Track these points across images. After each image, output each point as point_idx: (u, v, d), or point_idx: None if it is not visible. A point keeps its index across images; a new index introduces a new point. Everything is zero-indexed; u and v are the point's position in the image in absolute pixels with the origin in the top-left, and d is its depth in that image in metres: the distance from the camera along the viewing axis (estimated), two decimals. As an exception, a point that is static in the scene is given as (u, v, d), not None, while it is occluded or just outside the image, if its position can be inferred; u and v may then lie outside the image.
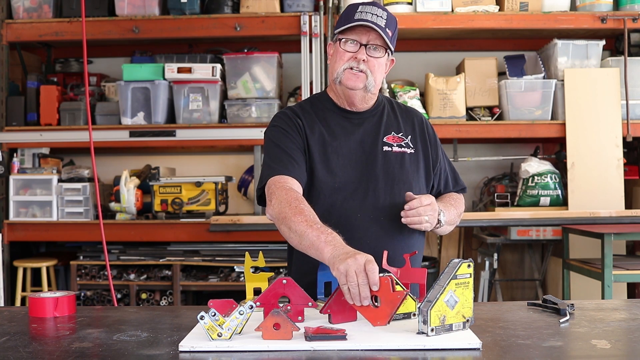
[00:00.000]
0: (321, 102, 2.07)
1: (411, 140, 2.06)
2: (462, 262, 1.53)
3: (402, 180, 1.99)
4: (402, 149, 2.03)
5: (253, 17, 4.53)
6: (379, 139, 2.02)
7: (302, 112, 2.03)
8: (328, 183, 1.95)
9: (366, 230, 1.94)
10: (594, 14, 4.43)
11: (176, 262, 4.38)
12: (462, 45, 5.03)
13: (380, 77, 1.98)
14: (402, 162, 2.02)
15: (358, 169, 1.98)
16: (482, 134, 4.49)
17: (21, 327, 1.69)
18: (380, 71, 1.97)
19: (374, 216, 1.95)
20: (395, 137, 2.04)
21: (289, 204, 1.79)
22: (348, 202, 1.94)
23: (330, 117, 2.03)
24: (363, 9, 1.94)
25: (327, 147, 1.98)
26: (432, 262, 4.67)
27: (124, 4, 4.56)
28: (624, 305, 1.94)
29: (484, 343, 1.44)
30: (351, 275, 1.51)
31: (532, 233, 4.28)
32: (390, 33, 1.94)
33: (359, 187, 1.96)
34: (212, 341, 1.45)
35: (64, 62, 5.01)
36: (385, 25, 1.92)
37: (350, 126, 2.03)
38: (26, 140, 4.61)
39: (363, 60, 1.93)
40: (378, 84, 1.99)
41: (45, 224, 4.53)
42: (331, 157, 1.97)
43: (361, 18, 1.91)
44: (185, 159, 5.13)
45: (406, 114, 2.12)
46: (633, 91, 4.43)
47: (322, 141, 1.99)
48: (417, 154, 2.05)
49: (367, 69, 1.93)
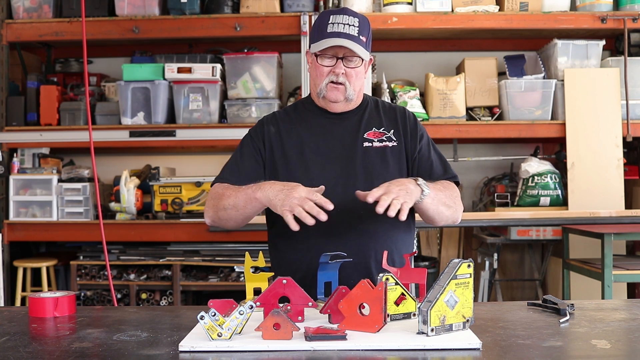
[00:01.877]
0: (304, 105, 2.16)
1: (394, 134, 2.09)
2: (462, 262, 1.53)
3: (382, 174, 2.01)
4: (384, 143, 2.07)
5: (253, 17, 4.53)
6: (360, 136, 2.07)
7: (282, 118, 2.12)
8: (305, 181, 1.95)
9: (347, 226, 1.97)
10: (594, 14, 4.43)
11: (176, 262, 4.38)
12: (462, 45, 5.02)
13: (359, 83, 2.07)
14: (384, 157, 2.05)
15: (337, 165, 2.02)
16: (482, 134, 4.49)
17: (21, 327, 1.69)
18: (359, 78, 2.05)
19: (354, 211, 1.97)
20: (376, 133, 2.08)
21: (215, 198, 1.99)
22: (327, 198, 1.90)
23: (311, 118, 2.11)
24: (334, 20, 1.98)
25: (305, 147, 2.05)
26: (432, 262, 4.67)
27: (124, 4, 4.56)
28: (624, 305, 1.94)
29: (484, 343, 1.44)
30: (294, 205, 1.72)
31: (532, 233, 4.28)
32: (365, 39, 1.99)
33: (338, 183, 1.99)
34: (212, 341, 1.45)
35: (64, 62, 5.01)
36: (358, 32, 1.97)
37: (330, 125, 2.09)
38: (26, 140, 4.61)
39: (342, 73, 2.00)
40: (358, 90, 2.07)
41: (45, 224, 4.53)
42: (309, 157, 2.04)
43: (334, 31, 1.96)
44: (185, 159, 5.13)
45: (389, 110, 2.15)
46: (633, 91, 4.43)
47: (299, 142, 2.06)
48: (399, 146, 2.08)
49: (346, 81, 2.01)
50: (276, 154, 2.06)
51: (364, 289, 1.54)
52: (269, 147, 2.07)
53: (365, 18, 2.04)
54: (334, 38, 1.96)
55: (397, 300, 1.59)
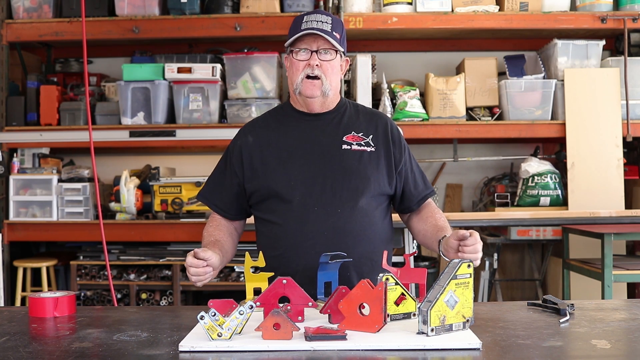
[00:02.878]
0: (283, 110, 2.20)
1: (372, 140, 2.11)
2: (462, 262, 1.53)
3: (359, 175, 2.04)
4: (362, 147, 2.09)
5: (253, 17, 4.53)
6: (338, 138, 2.09)
7: (260, 125, 2.18)
8: (284, 182, 2.04)
9: (323, 223, 2.00)
10: (594, 14, 4.43)
11: (176, 262, 4.38)
12: (462, 45, 5.02)
13: (335, 79, 2.08)
14: (361, 159, 2.07)
15: (315, 166, 2.05)
16: (482, 134, 4.49)
17: (21, 327, 1.69)
18: (334, 73, 2.07)
19: (331, 210, 2.00)
20: (355, 137, 2.10)
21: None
22: (305, 198, 2.01)
23: (289, 122, 2.14)
24: (308, 18, 2.04)
25: (283, 151, 2.08)
26: (432, 262, 4.67)
27: (124, 4, 4.56)
28: (624, 305, 1.94)
29: (484, 343, 1.45)
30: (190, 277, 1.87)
31: (532, 233, 4.28)
32: (338, 36, 2.04)
33: (316, 183, 2.02)
34: (212, 341, 1.45)
35: (64, 62, 5.01)
36: (331, 29, 2.02)
37: (308, 128, 2.11)
38: (26, 140, 4.61)
39: (316, 65, 2.03)
40: (334, 86, 2.09)
41: (45, 224, 4.53)
42: (287, 159, 2.06)
43: (308, 27, 2.02)
44: (185, 159, 5.13)
45: (370, 116, 2.17)
46: (633, 91, 4.43)
47: (278, 147, 2.10)
48: (377, 152, 2.09)
49: (321, 73, 2.04)
50: (255, 161, 2.10)
51: (364, 289, 1.54)
52: (248, 156, 2.11)
53: (339, 19, 2.10)
54: (308, 30, 2.01)
55: (397, 300, 1.59)
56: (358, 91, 4.40)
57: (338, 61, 2.08)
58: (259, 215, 2.13)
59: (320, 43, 2.02)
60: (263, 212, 2.10)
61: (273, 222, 2.06)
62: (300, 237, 2.00)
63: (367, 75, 4.40)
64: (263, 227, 2.12)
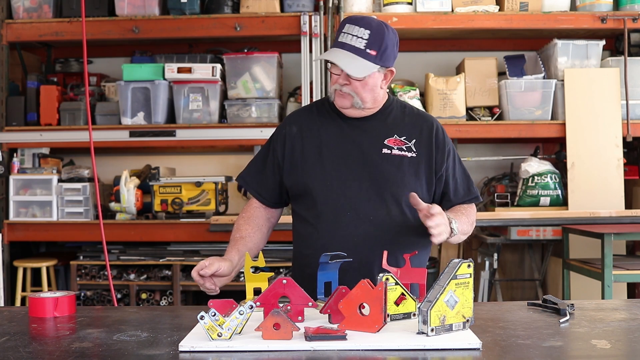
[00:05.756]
0: (329, 105, 2.11)
1: (415, 145, 2.05)
2: (462, 262, 1.53)
3: (397, 182, 2.00)
4: (402, 152, 2.03)
5: (253, 17, 4.53)
6: (380, 142, 2.03)
7: (305, 117, 2.13)
8: (320, 182, 2.01)
9: (356, 228, 1.97)
10: (594, 14, 4.43)
11: (176, 262, 4.38)
12: (462, 45, 5.02)
13: (370, 94, 2.00)
14: (400, 165, 2.02)
15: (352, 168, 2.01)
16: (482, 134, 4.49)
17: (21, 327, 1.69)
18: (368, 89, 1.98)
19: (364, 216, 1.97)
20: (397, 140, 2.04)
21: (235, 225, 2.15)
22: (340, 200, 1.98)
23: (332, 120, 2.08)
24: (346, 29, 1.96)
25: (324, 148, 2.04)
26: (432, 262, 4.67)
27: (124, 4, 4.56)
28: (624, 305, 1.94)
29: (484, 343, 1.44)
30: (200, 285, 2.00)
31: (532, 233, 4.28)
32: (374, 52, 1.93)
33: (352, 186, 1.99)
34: (212, 341, 1.45)
35: (64, 62, 5.01)
36: (366, 45, 1.92)
37: (350, 128, 2.06)
38: (26, 140, 4.61)
39: (345, 84, 1.97)
40: (369, 100, 2.01)
41: (45, 224, 4.53)
42: (326, 158, 2.03)
43: (339, 42, 1.95)
44: (185, 159, 5.13)
45: (416, 119, 2.10)
46: (633, 91, 4.43)
47: (319, 143, 2.05)
48: (418, 158, 2.04)
49: (351, 91, 1.98)
50: (296, 153, 2.07)
51: (364, 289, 1.54)
52: (290, 147, 2.08)
53: (383, 28, 1.96)
54: (335, 49, 1.95)
55: (397, 300, 1.59)
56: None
57: (373, 77, 1.98)
58: (296, 210, 2.11)
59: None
60: (299, 208, 2.09)
61: (307, 220, 2.04)
62: (330, 240, 1.97)
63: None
64: (298, 223, 2.10)
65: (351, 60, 1.93)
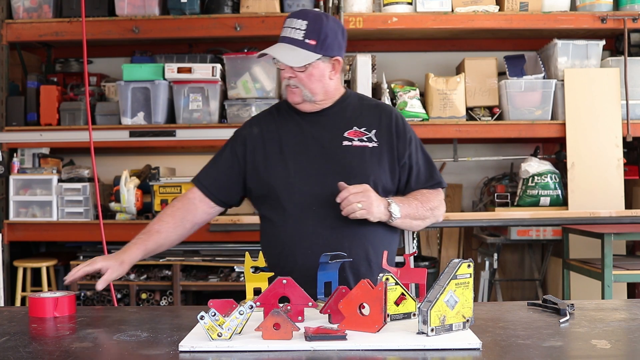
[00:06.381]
0: (287, 105, 2.14)
1: (375, 135, 2.06)
2: (462, 262, 1.53)
3: (360, 173, 2.00)
4: (364, 143, 2.05)
5: (253, 17, 4.53)
6: (340, 135, 2.05)
7: (265, 119, 2.16)
8: (283, 180, 2.03)
9: (321, 222, 1.98)
10: (594, 14, 4.43)
11: (176, 262, 4.38)
12: (462, 45, 5.02)
13: (318, 85, 2.02)
14: (362, 156, 2.03)
15: (315, 163, 2.02)
16: (482, 134, 4.48)
17: (21, 327, 1.69)
18: (314, 80, 2.01)
19: (329, 209, 1.97)
20: (357, 132, 2.06)
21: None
22: (304, 197, 1.99)
23: (292, 117, 2.11)
24: (286, 24, 2.01)
25: (284, 146, 2.06)
26: (432, 262, 4.67)
27: (124, 4, 4.56)
28: (624, 305, 1.94)
29: (484, 343, 1.44)
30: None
31: (532, 233, 4.28)
32: (313, 42, 1.96)
33: (316, 182, 1.99)
34: (212, 341, 1.45)
35: (64, 62, 5.01)
36: (304, 36, 1.96)
37: (309, 124, 2.08)
38: (26, 140, 4.60)
39: (290, 77, 2.00)
40: (319, 92, 2.03)
41: (45, 224, 4.53)
42: (288, 156, 2.05)
43: (281, 36, 2.00)
44: (185, 159, 5.13)
45: (374, 109, 2.12)
46: (633, 91, 4.43)
47: (280, 142, 2.08)
48: (380, 148, 2.05)
49: (298, 83, 2.00)
50: (258, 155, 2.09)
51: (364, 289, 1.54)
52: (251, 149, 2.10)
53: (320, 17, 2.00)
54: (276, 44, 1.98)
55: (397, 300, 1.59)
56: (358, 91, 4.40)
57: (317, 68, 2.00)
58: (261, 213, 2.12)
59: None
60: (263, 210, 2.10)
61: (272, 220, 2.06)
62: (297, 237, 1.99)
63: (367, 75, 4.40)
64: (264, 224, 2.11)
65: (289, 51, 1.96)
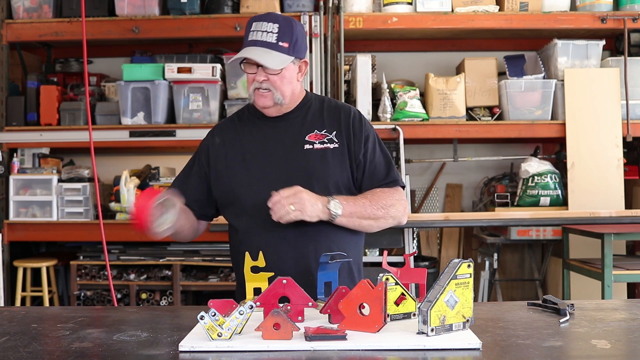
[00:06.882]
0: (248, 111, 2.14)
1: (336, 136, 2.06)
2: (462, 262, 1.53)
3: (322, 176, 2.01)
4: (325, 144, 2.05)
5: (253, 17, 4.52)
6: (301, 138, 2.05)
7: (227, 127, 2.16)
8: (246, 186, 2.03)
9: (286, 226, 1.94)
10: (594, 14, 4.43)
11: (176, 262, 4.38)
12: (462, 45, 5.02)
13: (288, 87, 2.02)
14: (324, 158, 2.03)
15: (277, 168, 2.03)
16: (482, 134, 4.49)
17: (21, 327, 1.69)
18: (286, 82, 2.01)
19: None
20: (317, 135, 2.06)
21: None
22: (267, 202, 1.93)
23: (253, 123, 2.11)
24: (254, 27, 1.98)
25: (247, 153, 2.07)
26: (432, 262, 4.67)
27: (124, 4, 4.56)
28: (624, 305, 1.94)
29: (484, 343, 1.44)
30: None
31: (532, 233, 4.28)
32: (286, 44, 1.97)
33: (278, 186, 1.95)
34: (212, 341, 1.45)
35: (64, 62, 5.01)
36: (277, 39, 1.96)
37: (270, 129, 2.08)
38: (26, 140, 4.61)
39: (263, 79, 1.99)
40: (289, 94, 2.04)
41: (45, 224, 4.53)
42: (250, 162, 2.05)
43: (250, 40, 1.97)
44: (185, 159, 5.04)
45: (334, 110, 2.12)
46: (633, 91, 4.43)
47: (242, 149, 2.08)
48: (342, 148, 2.05)
49: (270, 86, 1.99)
50: (220, 164, 2.09)
51: (364, 289, 1.54)
52: (214, 158, 2.11)
53: (290, 20, 2.01)
54: (248, 47, 1.96)
55: (397, 300, 1.59)
56: (358, 91, 4.40)
57: (289, 70, 2.00)
58: (228, 220, 2.12)
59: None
60: (229, 217, 2.10)
61: (237, 226, 2.06)
62: (263, 242, 1.97)
63: (367, 75, 4.40)
64: (231, 231, 2.11)
65: (266, 54, 1.95)
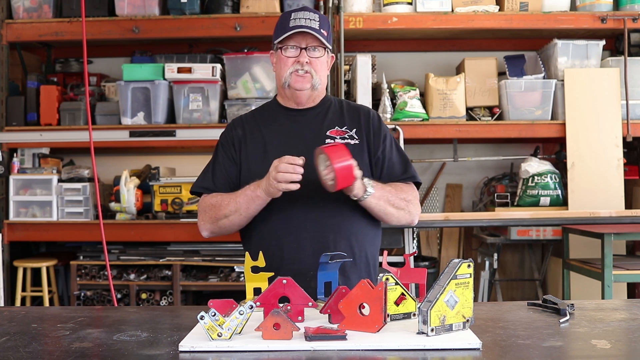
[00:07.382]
0: (270, 106, 2.23)
1: (356, 133, 2.14)
2: (462, 262, 1.53)
3: None
4: (345, 140, 2.11)
5: (253, 17, 4.53)
6: (322, 133, 2.11)
7: (248, 120, 2.21)
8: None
9: (306, 217, 2.02)
10: (594, 14, 4.43)
11: (176, 262, 4.38)
12: (462, 45, 5.02)
13: (324, 74, 2.13)
14: None
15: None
16: (482, 134, 4.49)
17: (21, 327, 1.69)
18: (323, 69, 2.12)
19: (314, 203, 2.03)
20: (338, 131, 2.13)
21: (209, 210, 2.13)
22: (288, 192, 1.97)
23: (274, 117, 2.18)
24: (296, 15, 2.07)
25: (268, 145, 2.12)
26: (432, 262, 4.67)
27: (124, 4, 4.56)
28: (624, 305, 1.94)
29: (484, 343, 1.44)
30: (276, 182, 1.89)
31: (532, 233, 4.28)
32: (325, 33, 2.08)
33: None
34: (212, 341, 1.45)
35: (64, 62, 5.01)
36: (319, 26, 2.06)
37: (291, 123, 2.15)
38: (26, 140, 4.61)
39: (306, 62, 2.06)
40: (323, 81, 2.13)
41: (45, 224, 4.53)
42: (271, 154, 2.07)
43: (296, 25, 2.05)
44: (185, 159, 5.13)
45: (353, 110, 2.20)
46: (633, 91, 4.43)
47: (262, 142, 2.13)
48: (361, 145, 2.12)
49: (312, 69, 2.08)
50: (242, 155, 2.14)
51: (364, 289, 1.54)
52: (238, 149, 2.15)
53: (325, 17, 2.12)
54: (298, 28, 2.04)
55: (397, 300, 1.59)
56: (358, 91, 4.40)
57: (325, 58, 2.11)
58: None
59: (309, 40, 2.06)
60: None
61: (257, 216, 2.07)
62: (283, 231, 2.03)
63: (367, 75, 4.40)
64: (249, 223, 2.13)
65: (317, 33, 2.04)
